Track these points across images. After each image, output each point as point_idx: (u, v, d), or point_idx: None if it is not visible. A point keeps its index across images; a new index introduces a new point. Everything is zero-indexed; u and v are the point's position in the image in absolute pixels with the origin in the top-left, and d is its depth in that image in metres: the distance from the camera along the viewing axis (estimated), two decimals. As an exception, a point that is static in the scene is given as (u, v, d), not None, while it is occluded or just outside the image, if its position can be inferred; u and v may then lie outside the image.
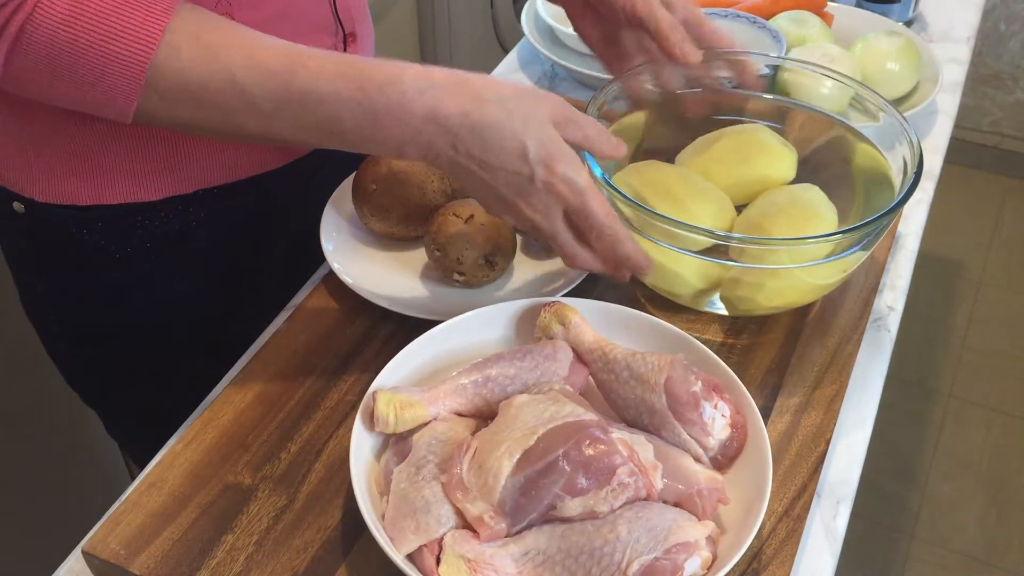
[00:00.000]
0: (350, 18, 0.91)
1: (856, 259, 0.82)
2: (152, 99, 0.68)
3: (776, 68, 0.97)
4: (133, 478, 0.77)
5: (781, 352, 0.84)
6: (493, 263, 0.85)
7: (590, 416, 0.67)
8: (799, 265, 0.79)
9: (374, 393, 0.71)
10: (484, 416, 0.73)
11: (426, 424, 0.71)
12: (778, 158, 0.88)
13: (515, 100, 0.71)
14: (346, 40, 0.92)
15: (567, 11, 0.96)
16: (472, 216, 0.85)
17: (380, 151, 0.74)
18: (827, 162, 0.93)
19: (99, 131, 0.82)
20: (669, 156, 0.91)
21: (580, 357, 0.75)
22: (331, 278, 0.89)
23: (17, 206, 0.88)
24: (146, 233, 0.89)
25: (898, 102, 1.16)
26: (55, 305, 0.97)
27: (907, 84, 1.16)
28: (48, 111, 0.80)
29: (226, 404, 0.79)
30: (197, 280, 0.95)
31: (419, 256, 0.91)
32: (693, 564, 0.63)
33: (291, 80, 0.69)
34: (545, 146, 0.71)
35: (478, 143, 0.70)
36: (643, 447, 0.68)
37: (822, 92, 0.93)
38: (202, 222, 0.91)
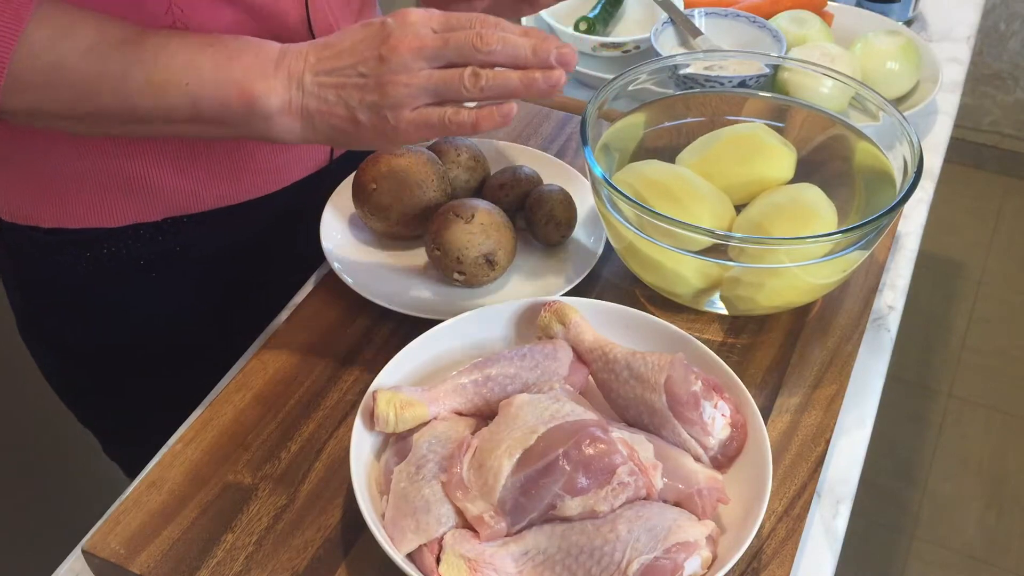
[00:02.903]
0: None
1: (856, 258, 0.82)
2: (10, 91, 0.68)
3: (776, 68, 0.98)
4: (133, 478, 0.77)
5: (781, 352, 0.84)
6: (493, 262, 0.85)
7: (590, 415, 0.67)
8: (799, 264, 0.79)
9: (374, 392, 0.71)
10: (484, 415, 0.73)
11: (426, 423, 0.71)
12: (778, 158, 0.88)
13: None
14: None
15: None
16: (472, 215, 0.85)
17: (237, 100, 0.69)
18: (827, 161, 0.93)
19: (55, 154, 0.82)
20: (669, 156, 0.91)
21: (580, 356, 0.75)
22: (331, 277, 0.89)
23: None
24: (114, 259, 0.88)
25: (898, 101, 1.16)
26: (36, 322, 0.96)
27: (907, 83, 1.16)
28: (4, 131, 0.80)
29: (226, 403, 0.79)
30: (183, 305, 0.94)
31: (419, 255, 0.91)
32: (693, 563, 0.63)
33: (143, 40, 0.69)
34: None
35: (322, 45, 0.69)
36: (643, 446, 0.68)
37: (822, 92, 0.93)
38: (177, 251, 0.90)
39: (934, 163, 1.11)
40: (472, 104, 0.68)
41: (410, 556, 0.64)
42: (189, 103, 0.69)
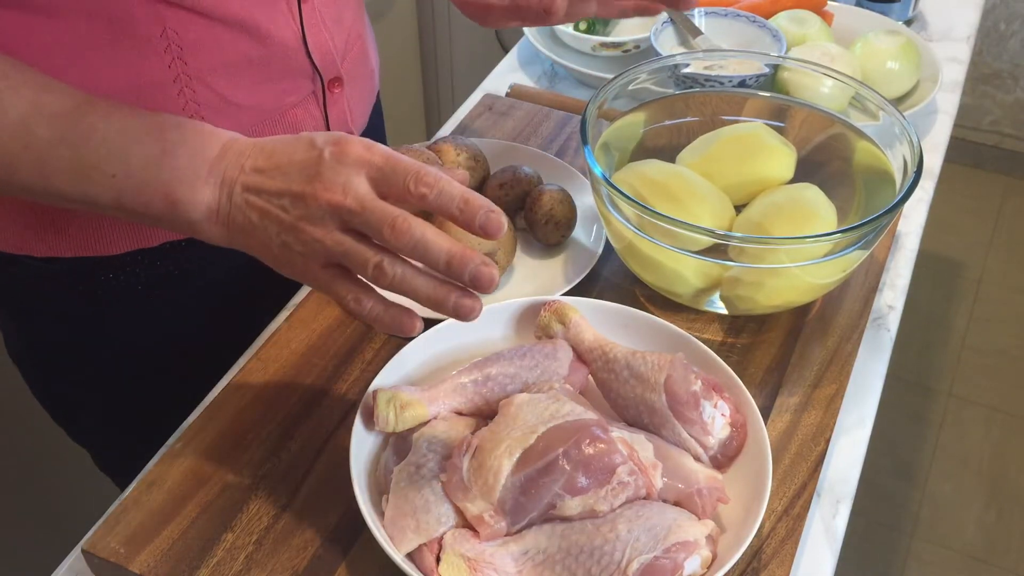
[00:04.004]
0: (331, 63, 0.87)
1: (856, 258, 0.82)
2: None
3: (776, 67, 0.98)
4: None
5: (781, 351, 0.84)
6: (493, 262, 0.85)
7: (590, 415, 0.67)
8: (799, 264, 0.79)
9: (374, 392, 0.71)
10: (484, 415, 0.73)
11: (426, 423, 0.71)
12: (777, 157, 0.88)
13: None
14: (325, 86, 0.87)
15: None
16: (472, 215, 0.84)
17: (161, 203, 0.65)
18: (827, 161, 0.93)
19: None
20: (669, 155, 0.91)
21: (580, 356, 0.75)
22: (331, 277, 0.89)
23: None
24: (111, 286, 0.87)
25: (898, 101, 1.16)
26: (29, 347, 0.95)
27: (907, 83, 1.16)
28: None
29: (226, 403, 0.79)
30: (181, 325, 0.93)
31: (419, 255, 0.91)
32: (693, 563, 0.63)
33: (79, 118, 0.65)
34: (333, 135, 0.62)
35: (265, 155, 0.64)
36: (643, 446, 0.68)
37: (822, 91, 0.93)
38: (176, 274, 0.88)
39: (934, 163, 1.11)
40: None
41: (410, 556, 0.64)
42: (113, 195, 0.65)
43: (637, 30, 1.26)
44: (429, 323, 0.78)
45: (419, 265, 0.61)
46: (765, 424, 0.71)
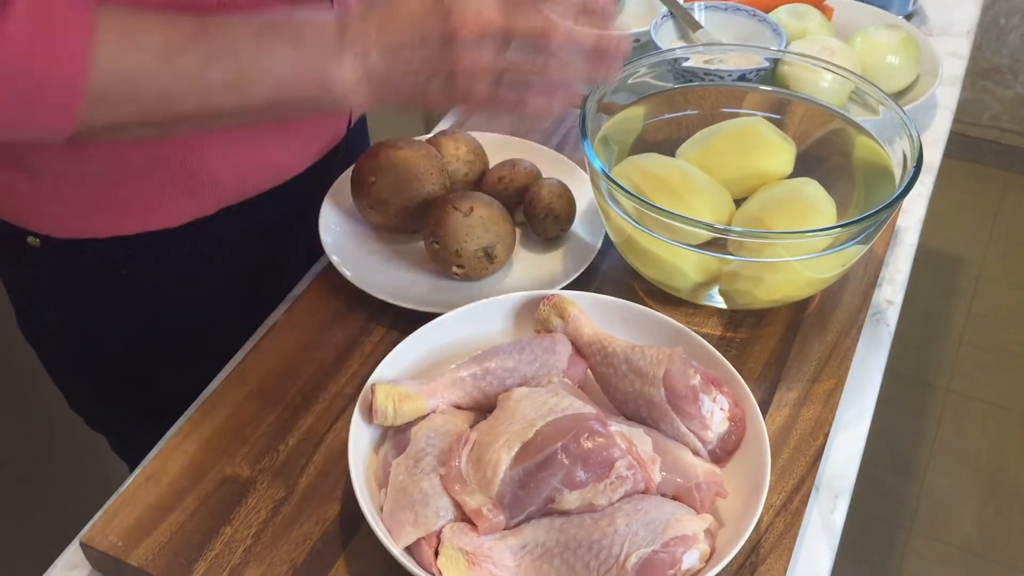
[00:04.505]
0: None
1: (855, 253, 0.82)
2: (89, 110, 0.65)
3: (776, 61, 0.97)
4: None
5: (780, 346, 0.84)
6: (492, 256, 0.85)
7: (589, 409, 0.67)
8: (798, 258, 0.79)
9: (373, 385, 0.71)
10: (483, 409, 0.73)
11: (425, 417, 0.71)
12: (777, 152, 0.88)
13: None
14: None
15: None
16: (471, 209, 0.84)
17: (314, 89, 0.68)
18: (826, 155, 0.93)
19: (115, 163, 0.81)
20: (668, 149, 0.90)
21: (579, 350, 0.75)
22: (329, 270, 0.89)
23: (32, 240, 0.87)
24: (165, 258, 0.89)
25: (898, 96, 1.16)
26: (65, 336, 0.96)
27: (907, 78, 1.16)
28: (62, 147, 0.78)
29: (224, 396, 0.79)
30: (216, 299, 0.94)
31: (418, 249, 0.91)
32: (691, 557, 0.63)
33: (207, 34, 0.67)
34: None
35: (381, 17, 0.67)
36: (641, 440, 0.68)
37: (822, 86, 0.93)
38: (220, 243, 0.90)
39: (933, 157, 1.11)
40: None
41: (408, 549, 0.64)
42: (269, 98, 0.68)
43: (637, 23, 1.26)
44: (428, 317, 0.78)
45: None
46: (764, 419, 0.71)
